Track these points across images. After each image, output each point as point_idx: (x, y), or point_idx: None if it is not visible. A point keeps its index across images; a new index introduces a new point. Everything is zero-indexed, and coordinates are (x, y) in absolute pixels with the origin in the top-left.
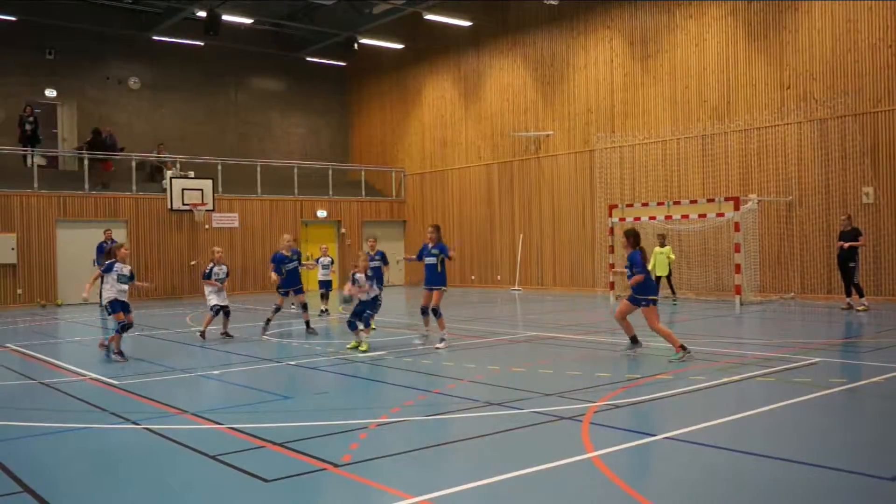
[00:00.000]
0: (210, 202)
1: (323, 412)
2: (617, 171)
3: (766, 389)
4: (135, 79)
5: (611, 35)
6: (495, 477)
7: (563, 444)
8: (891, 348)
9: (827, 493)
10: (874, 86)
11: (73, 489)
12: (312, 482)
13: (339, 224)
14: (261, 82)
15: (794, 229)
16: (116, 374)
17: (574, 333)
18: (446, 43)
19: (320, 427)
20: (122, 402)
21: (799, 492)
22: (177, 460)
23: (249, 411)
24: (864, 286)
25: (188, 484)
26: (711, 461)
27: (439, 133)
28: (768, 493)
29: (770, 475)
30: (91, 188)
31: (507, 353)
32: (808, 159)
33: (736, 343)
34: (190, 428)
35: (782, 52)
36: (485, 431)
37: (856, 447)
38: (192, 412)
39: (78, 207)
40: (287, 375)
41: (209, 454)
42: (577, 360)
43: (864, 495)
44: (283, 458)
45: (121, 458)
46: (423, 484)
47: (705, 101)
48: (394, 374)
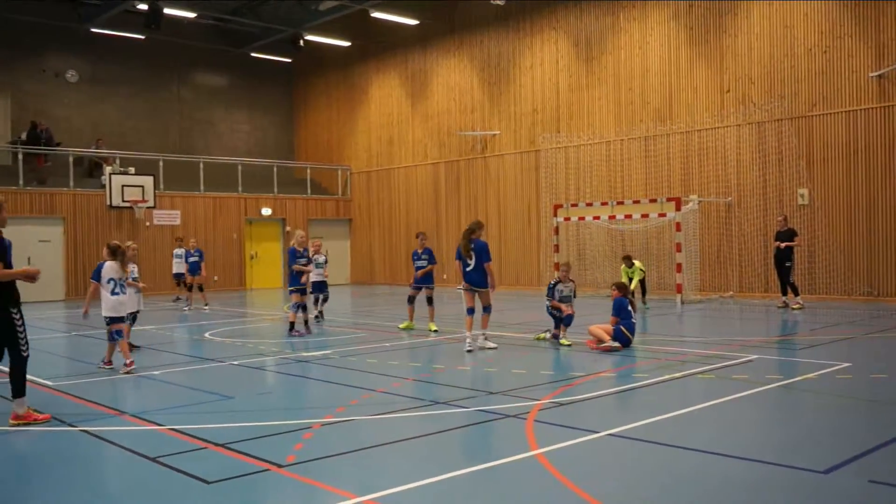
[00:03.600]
0: (151, 199)
1: (267, 412)
2: (562, 171)
3: (705, 386)
4: (72, 72)
5: (556, 36)
6: (441, 475)
7: (507, 442)
8: (824, 345)
9: (764, 486)
10: (809, 90)
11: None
12: (256, 483)
13: (284, 222)
14: (205, 78)
15: (732, 229)
16: (51, 376)
17: (518, 332)
18: (393, 41)
19: (264, 427)
20: (57, 403)
21: (737, 486)
22: (116, 463)
23: (191, 412)
24: (800, 285)
25: (128, 488)
26: (653, 458)
27: (386, 131)
28: (708, 489)
29: (709, 471)
30: (26, 184)
31: (452, 352)
32: (747, 161)
33: (677, 341)
34: (129, 429)
35: (722, 57)
36: (430, 430)
37: (791, 442)
38: (132, 413)
39: (12, 204)
40: (230, 375)
41: (149, 456)
42: (522, 358)
43: (799, 488)
44: (226, 458)
45: (56, 462)
46: (368, 483)
47: (648, 103)
48: (339, 373)
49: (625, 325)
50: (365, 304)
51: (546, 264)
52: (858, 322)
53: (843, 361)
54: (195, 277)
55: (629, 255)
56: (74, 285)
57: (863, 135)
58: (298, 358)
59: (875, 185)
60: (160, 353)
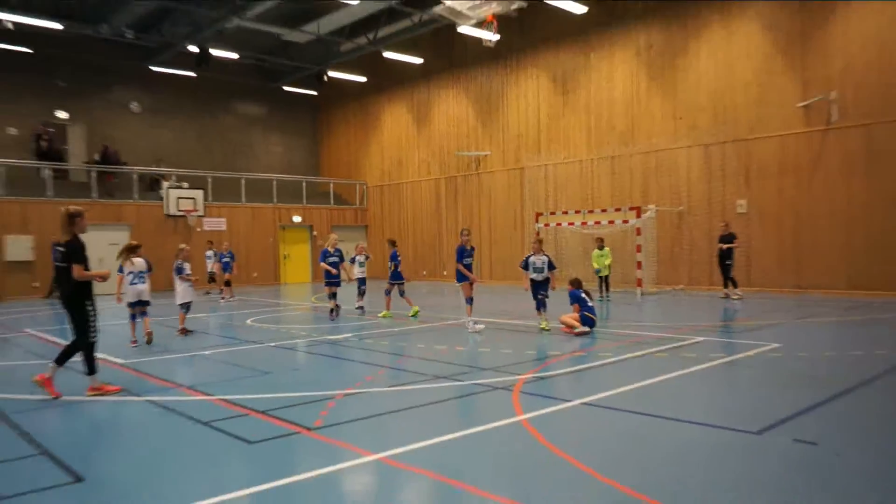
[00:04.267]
0: (201, 209)
1: (298, 385)
2: (542, 184)
3: (661, 363)
4: (136, 103)
5: (537, 73)
6: (442, 437)
7: (497, 409)
8: (759, 329)
9: (708, 444)
10: (747, 118)
11: (85, 451)
12: (289, 443)
13: (311, 228)
14: (245, 107)
15: (683, 233)
16: (122, 355)
17: (506, 318)
18: (401, 77)
19: (295, 398)
20: (127, 378)
21: (685, 444)
22: (175, 426)
23: (235, 385)
24: (738, 279)
25: (185, 446)
26: (618, 422)
27: (395, 152)
28: (661, 446)
29: (663, 432)
30: (99, 196)
31: (451, 336)
32: (695, 177)
33: (637, 325)
34: (185, 399)
35: (675, 89)
36: (433, 400)
37: (731, 408)
38: (187, 386)
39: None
40: (268, 355)
41: (202, 421)
42: (509, 340)
43: (737, 446)
44: (264, 423)
45: (125, 426)
46: (381, 443)
47: (614, 128)
48: (358, 353)
49: (587, 310)
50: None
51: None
52: (786, 310)
53: (774, 342)
54: (227, 274)
55: (601, 238)
56: None
57: (791, 155)
58: (324, 340)
59: (801, 196)
60: (210, 336)
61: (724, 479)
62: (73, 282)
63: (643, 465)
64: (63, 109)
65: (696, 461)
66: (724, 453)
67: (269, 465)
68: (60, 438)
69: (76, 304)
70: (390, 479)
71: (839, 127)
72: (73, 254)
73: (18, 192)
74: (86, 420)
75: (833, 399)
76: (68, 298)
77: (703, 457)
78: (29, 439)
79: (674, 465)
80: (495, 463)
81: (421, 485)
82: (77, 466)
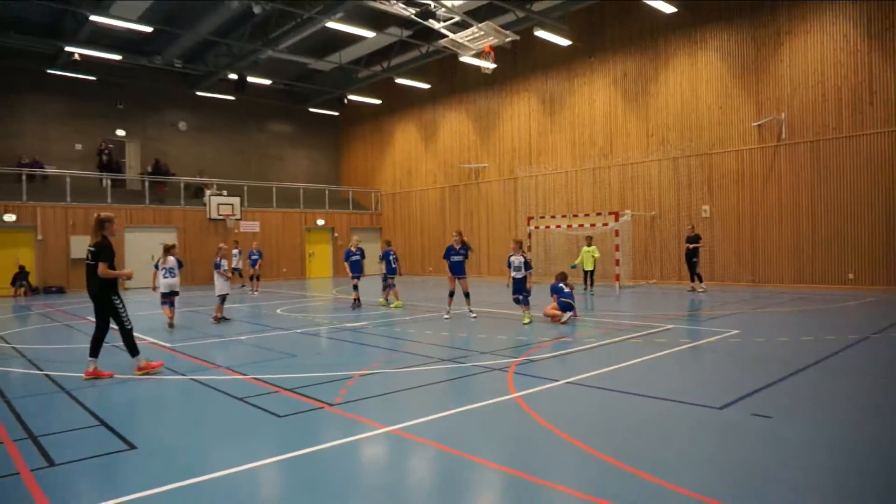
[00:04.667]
0: (238, 213)
1: (320, 366)
2: (533, 192)
3: (635, 348)
4: (182, 123)
5: (528, 96)
6: (446, 412)
7: (493, 388)
8: (721, 318)
9: (676, 418)
10: (710, 135)
11: (137, 422)
12: (313, 417)
13: (333, 230)
14: (276, 126)
15: (655, 235)
16: (170, 339)
17: (501, 309)
18: (411, 99)
19: (318, 377)
20: (173, 359)
21: (657, 418)
22: (214, 401)
23: (266, 366)
24: (703, 274)
25: (224, 419)
26: (599, 398)
27: (406, 164)
28: (637, 418)
29: (638, 406)
30: (151, 202)
31: (454, 324)
32: (666, 186)
33: (615, 315)
34: (223, 378)
35: (647, 110)
36: (438, 380)
37: (697, 386)
38: (225, 366)
39: (140, 217)
40: (294, 340)
41: (237, 397)
42: (503, 328)
43: (701, 419)
44: (291, 399)
45: (172, 400)
46: (393, 418)
47: (595, 144)
48: (372, 338)
49: (565, 297)
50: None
51: None
52: (745, 301)
53: (734, 329)
54: (254, 270)
55: (590, 237)
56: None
57: (748, 167)
58: (343, 327)
59: (756, 202)
60: (244, 323)
61: (691, 447)
62: (99, 279)
63: (621, 436)
64: (121, 128)
65: (668, 432)
66: (692, 426)
67: (296, 435)
68: (115, 411)
69: (104, 299)
70: (401, 449)
71: (788, 143)
72: (101, 253)
73: (83, 199)
74: (137, 395)
75: (787, 378)
76: (96, 294)
77: (674, 429)
78: (89, 412)
79: (648, 437)
80: (492, 435)
81: (428, 454)
82: (130, 436)
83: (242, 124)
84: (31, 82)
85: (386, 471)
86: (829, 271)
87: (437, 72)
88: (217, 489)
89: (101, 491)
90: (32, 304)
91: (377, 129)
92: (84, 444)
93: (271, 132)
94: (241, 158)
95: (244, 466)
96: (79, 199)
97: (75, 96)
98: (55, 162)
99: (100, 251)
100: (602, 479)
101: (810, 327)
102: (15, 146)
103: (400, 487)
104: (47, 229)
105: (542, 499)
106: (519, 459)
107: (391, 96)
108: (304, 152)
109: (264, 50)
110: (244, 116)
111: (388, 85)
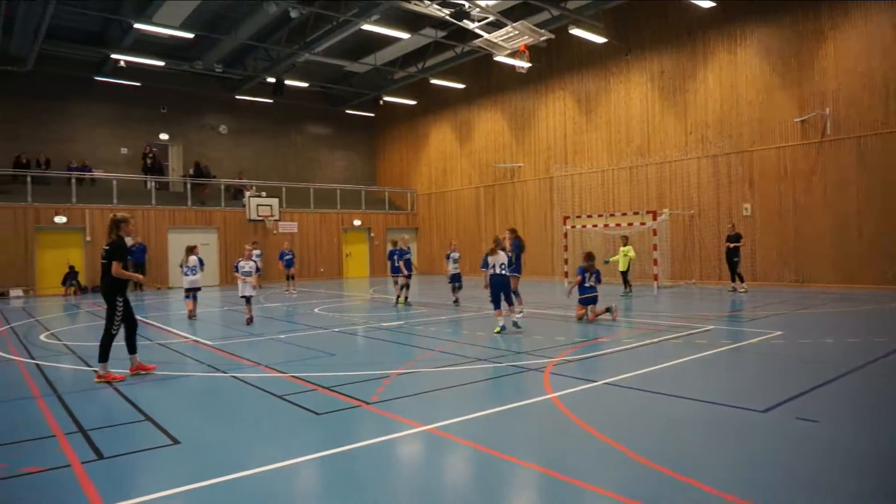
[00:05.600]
0: (277, 214)
1: (358, 365)
2: (569, 191)
3: (674, 348)
4: (223, 126)
5: (564, 94)
6: (482, 411)
7: (530, 388)
8: (763, 319)
9: (718, 421)
10: (750, 132)
11: (180, 418)
12: (350, 415)
13: (370, 230)
14: (313, 128)
15: (694, 234)
16: (210, 337)
17: (537, 308)
18: (446, 100)
19: (356, 376)
20: (214, 357)
21: (697, 421)
22: (255, 399)
23: (305, 364)
24: (744, 274)
25: (263, 415)
26: (637, 399)
27: (441, 164)
28: (676, 422)
29: (677, 409)
30: (193, 204)
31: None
32: (705, 184)
33: (654, 316)
34: (263, 376)
35: (686, 108)
36: (474, 379)
37: (739, 389)
38: (265, 364)
39: (182, 218)
40: (333, 338)
41: (277, 394)
42: (540, 328)
43: (745, 423)
44: (329, 397)
45: (213, 397)
46: (430, 417)
47: (631, 142)
48: (409, 338)
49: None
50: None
51: (558, 260)
52: (788, 302)
53: (777, 330)
54: (289, 270)
55: (626, 236)
56: (225, 275)
57: (790, 164)
58: (380, 327)
59: (799, 200)
60: (284, 322)
61: (734, 451)
62: (110, 277)
63: (660, 438)
64: (164, 132)
65: (708, 436)
66: (734, 429)
67: (334, 433)
68: (160, 407)
69: (111, 297)
70: (437, 448)
71: (833, 139)
72: (115, 253)
73: (129, 201)
74: (180, 391)
75: (833, 381)
76: (105, 293)
77: (715, 432)
78: (135, 407)
79: (688, 439)
80: (528, 435)
81: (464, 453)
82: (174, 431)
83: (280, 127)
84: (80, 89)
85: (422, 469)
86: (876, 270)
87: (471, 72)
88: (257, 485)
89: (147, 484)
90: (81, 303)
91: (412, 129)
92: (130, 438)
93: (308, 134)
94: (280, 160)
95: (283, 463)
96: (124, 202)
97: (121, 102)
98: (102, 166)
99: (114, 251)
100: (639, 481)
101: (857, 329)
102: (65, 151)
103: (436, 486)
104: (95, 231)
105: (578, 500)
106: (555, 460)
107: (426, 97)
108: (341, 153)
109: (301, 53)
110: (282, 119)
111: (423, 85)
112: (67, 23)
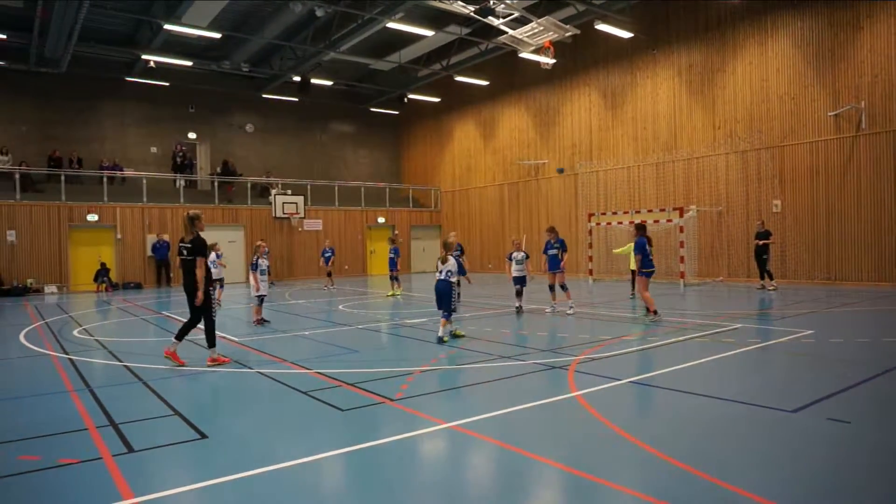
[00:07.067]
0: (302, 212)
1: (382, 362)
2: (594, 188)
3: (701, 347)
4: (250, 125)
5: (589, 90)
6: (506, 409)
7: (554, 386)
8: (793, 317)
9: (747, 421)
10: (781, 126)
11: (208, 413)
12: (375, 411)
13: (393, 228)
14: (338, 126)
15: (722, 231)
16: (237, 334)
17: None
18: (470, 97)
19: (380, 372)
20: (241, 353)
21: (726, 421)
22: (280, 394)
23: (330, 360)
24: (774, 272)
25: (289, 411)
26: (662, 398)
27: (465, 161)
28: (704, 422)
29: (705, 409)
30: (220, 202)
31: (514, 320)
32: (733, 180)
33: (680, 313)
34: (289, 372)
35: (714, 102)
36: (498, 376)
37: (767, 389)
38: (291, 361)
39: (210, 215)
40: (357, 335)
41: (302, 390)
42: (564, 325)
43: (773, 423)
44: (354, 394)
45: (241, 393)
46: (454, 413)
47: (658, 138)
48: (433, 335)
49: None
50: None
51: (583, 256)
52: (819, 300)
53: (807, 329)
54: (328, 266)
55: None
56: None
57: (822, 159)
58: (403, 324)
59: (831, 196)
60: (309, 319)
61: (762, 452)
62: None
63: (686, 437)
64: (192, 131)
65: (736, 436)
66: (762, 429)
67: (358, 429)
68: (188, 401)
69: (195, 291)
70: (460, 445)
71: (868, 133)
72: (196, 249)
73: (158, 199)
74: (208, 387)
75: (866, 381)
76: (192, 285)
77: (743, 432)
78: (164, 402)
79: (715, 439)
80: (552, 433)
81: (487, 450)
82: (202, 425)
83: (306, 125)
84: (111, 89)
85: (445, 466)
86: None
87: (495, 68)
88: (282, 479)
89: (176, 477)
90: (112, 299)
91: (436, 126)
92: (160, 432)
93: (333, 132)
94: (305, 158)
95: (308, 458)
96: (154, 200)
97: (150, 102)
98: (132, 165)
99: (195, 247)
100: (665, 480)
101: (891, 328)
102: (97, 150)
103: (459, 483)
104: (126, 228)
105: (602, 499)
106: (579, 458)
107: (450, 94)
108: (365, 151)
109: (326, 52)
110: (308, 117)
111: (448, 83)
112: (99, 25)
